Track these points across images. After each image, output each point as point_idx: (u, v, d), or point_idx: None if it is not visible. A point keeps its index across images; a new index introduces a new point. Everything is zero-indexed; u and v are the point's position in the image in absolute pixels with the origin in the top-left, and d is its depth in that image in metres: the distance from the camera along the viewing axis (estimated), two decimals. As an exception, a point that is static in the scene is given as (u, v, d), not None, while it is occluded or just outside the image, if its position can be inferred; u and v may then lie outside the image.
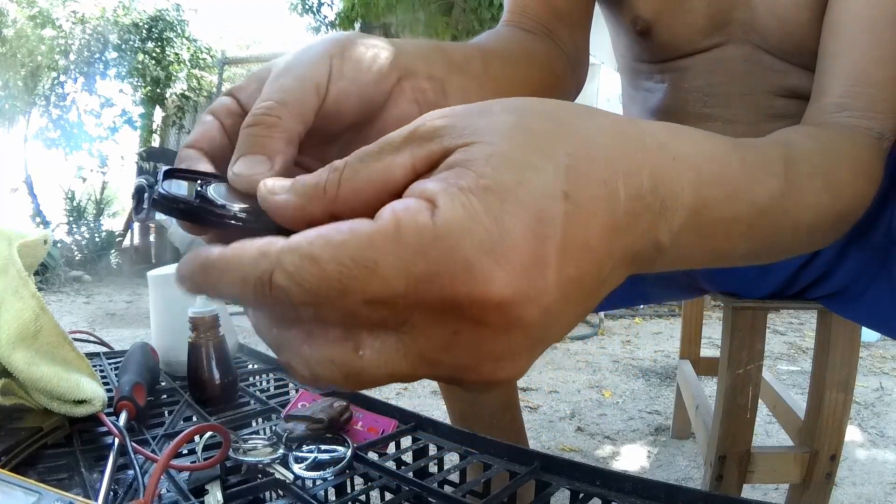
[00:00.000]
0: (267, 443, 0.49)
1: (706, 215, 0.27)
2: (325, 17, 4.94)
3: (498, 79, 0.42)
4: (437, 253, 0.18)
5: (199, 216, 0.25)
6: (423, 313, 0.19)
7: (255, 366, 0.78)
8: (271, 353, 0.99)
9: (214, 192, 0.26)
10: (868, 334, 2.22)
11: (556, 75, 0.55)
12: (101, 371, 0.74)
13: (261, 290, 0.19)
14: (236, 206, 0.26)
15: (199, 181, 0.27)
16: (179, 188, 0.26)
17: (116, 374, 0.67)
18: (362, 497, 0.47)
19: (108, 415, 0.53)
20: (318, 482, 0.45)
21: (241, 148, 0.28)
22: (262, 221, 0.25)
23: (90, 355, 0.74)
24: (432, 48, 0.38)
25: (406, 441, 0.53)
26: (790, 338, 2.48)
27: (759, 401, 0.78)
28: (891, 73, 0.47)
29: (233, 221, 0.25)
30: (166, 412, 0.62)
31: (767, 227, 0.33)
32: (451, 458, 0.50)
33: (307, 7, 4.77)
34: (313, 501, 0.41)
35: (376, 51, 0.33)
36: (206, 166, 0.30)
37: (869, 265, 0.55)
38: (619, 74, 0.78)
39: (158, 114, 6.00)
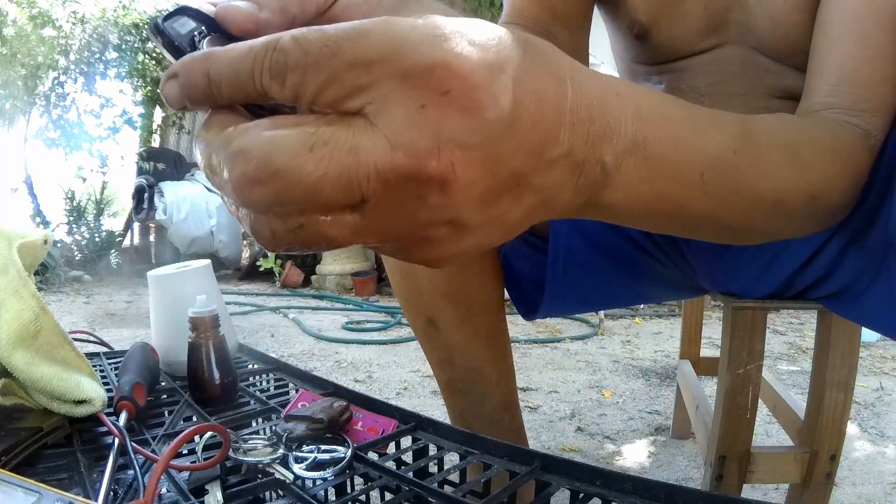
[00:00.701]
0: (267, 443, 0.49)
1: (651, 150, 0.28)
2: None
3: None
4: (424, 30, 0.21)
5: (175, 54, 0.27)
6: (396, 82, 0.21)
7: (255, 366, 0.78)
8: (271, 354, 0.99)
9: (207, 45, 0.28)
10: (868, 334, 2.21)
11: None
12: (101, 371, 0.74)
13: (262, 57, 0.21)
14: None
15: (202, 29, 0.28)
16: (182, 27, 0.28)
17: (116, 374, 0.67)
18: (362, 497, 0.47)
19: (108, 415, 0.53)
20: (318, 482, 0.45)
21: None
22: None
23: (90, 355, 0.75)
24: (443, 8, 0.40)
25: (406, 441, 0.53)
26: (790, 338, 2.48)
27: (759, 401, 0.78)
28: (878, 72, 0.47)
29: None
30: (166, 412, 0.62)
31: (721, 183, 0.33)
32: (451, 458, 0.50)
33: None
34: (313, 501, 0.41)
35: None
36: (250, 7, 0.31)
37: (868, 266, 0.55)
38: (617, 75, 0.78)
39: (158, 114, 5.99)
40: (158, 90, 0.26)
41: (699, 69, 0.64)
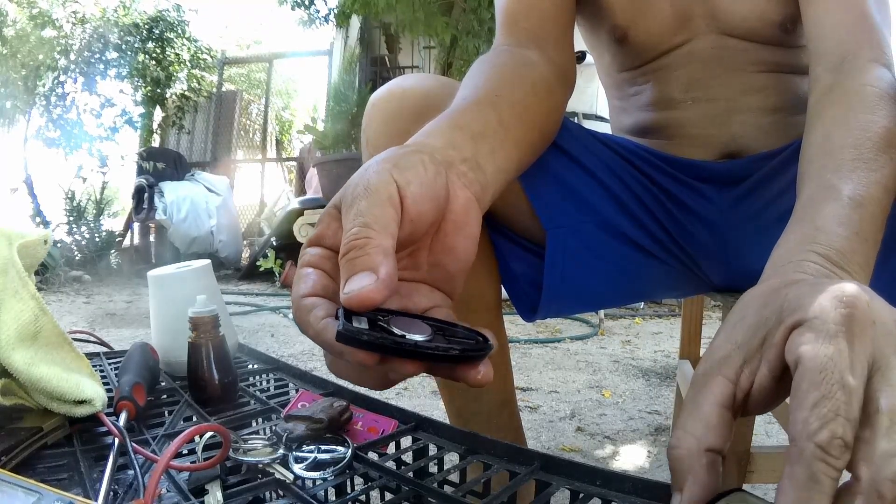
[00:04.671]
0: (267, 443, 0.49)
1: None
2: (318, 10, 4.88)
3: (513, 127, 0.48)
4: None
5: (382, 347, 0.28)
6: None
7: (255, 366, 0.78)
8: (271, 354, 0.99)
9: (393, 324, 0.29)
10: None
11: (553, 95, 0.60)
12: (101, 371, 0.74)
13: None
14: (416, 337, 0.28)
15: (374, 315, 0.29)
16: (360, 322, 0.29)
17: (116, 374, 0.67)
18: (362, 497, 0.47)
19: (108, 415, 0.53)
20: (318, 482, 0.45)
21: (344, 274, 0.30)
22: (440, 350, 0.28)
23: (90, 355, 0.74)
24: (453, 129, 0.43)
25: (406, 441, 0.53)
26: (790, 338, 2.48)
27: (759, 401, 0.78)
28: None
29: (413, 349, 0.28)
30: (166, 412, 0.62)
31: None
32: (451, 458, 0.50)
33: (298, 1, 4.72)
34: (313, 501, 0.41)
35: (419, 154, 0.36)
36: (332, 308, 0.31)
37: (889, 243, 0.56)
38: (606, 93, 0.84)
39: (158, 114, 5.99)
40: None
41: (679, 62, 0.69)
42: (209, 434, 0.50)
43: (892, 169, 0.44)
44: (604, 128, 0.79)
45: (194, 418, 0.60)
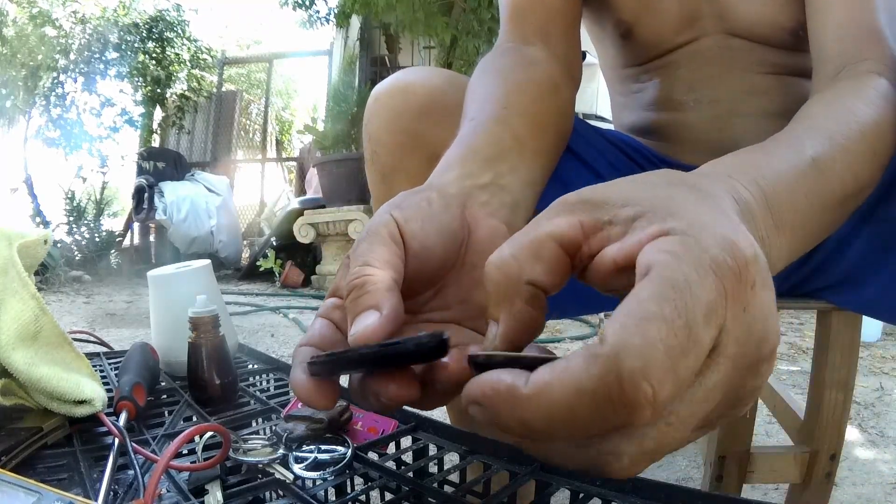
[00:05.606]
0: (267, 443, 0.49)
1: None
2: (318, 11, 4.87)
3: (528, 137, 0.47)
4: None
5: (344, 362, 0.28)
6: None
7: (255, 366, 0.78)
8: (271, 354, 0.99)
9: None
10: (868, 334, 2.21)
11: (561, 93, 0.59)
12: (101, 371, 0.75)
13: (605, 391, 0.19)
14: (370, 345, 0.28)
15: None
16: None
17: (116, 374, 0.67)
18: (362, 497, 0.47)
19: (108, 415, 0.53)
20: (318, 482, 0.45)
21: (350, 317, 0.30)
22: (398, 355, 0.27)
23: (90, 355, 0.74)
24: (465, 158, 0.41)
25: (406, 441, 0.53)
26: (790, 338, 2.48)
27: (759, 401, 0.78)
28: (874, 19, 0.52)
29: (372, 353, 0.27)
30: (166, 412, 0.62)
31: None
32: (451, 458, 0.50)
33: (299, 2, 4.72)
34: (313, 501, 0.41)
35: (425, 193, 0.36)
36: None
37: (876, 244, 0.55)
38: (608, 89, 0.83)
39: (158, 114, 5.99)
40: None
41: (683, 61, 0.68)
42: (209, 434, 0.50)
43: (869, 163, 0.41)
44: (604, 128, 0.78)
45: (194, 418, 0.60)
